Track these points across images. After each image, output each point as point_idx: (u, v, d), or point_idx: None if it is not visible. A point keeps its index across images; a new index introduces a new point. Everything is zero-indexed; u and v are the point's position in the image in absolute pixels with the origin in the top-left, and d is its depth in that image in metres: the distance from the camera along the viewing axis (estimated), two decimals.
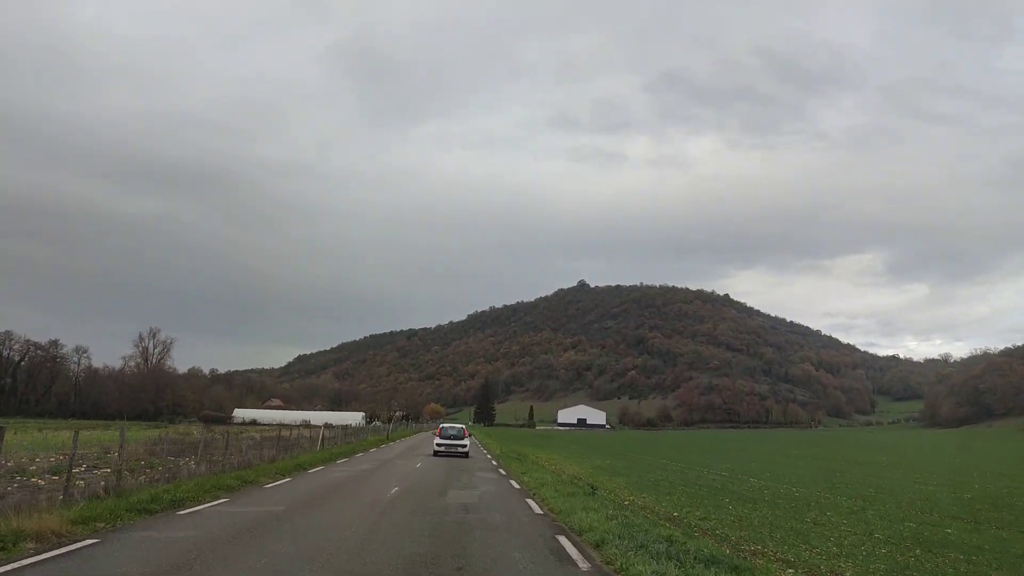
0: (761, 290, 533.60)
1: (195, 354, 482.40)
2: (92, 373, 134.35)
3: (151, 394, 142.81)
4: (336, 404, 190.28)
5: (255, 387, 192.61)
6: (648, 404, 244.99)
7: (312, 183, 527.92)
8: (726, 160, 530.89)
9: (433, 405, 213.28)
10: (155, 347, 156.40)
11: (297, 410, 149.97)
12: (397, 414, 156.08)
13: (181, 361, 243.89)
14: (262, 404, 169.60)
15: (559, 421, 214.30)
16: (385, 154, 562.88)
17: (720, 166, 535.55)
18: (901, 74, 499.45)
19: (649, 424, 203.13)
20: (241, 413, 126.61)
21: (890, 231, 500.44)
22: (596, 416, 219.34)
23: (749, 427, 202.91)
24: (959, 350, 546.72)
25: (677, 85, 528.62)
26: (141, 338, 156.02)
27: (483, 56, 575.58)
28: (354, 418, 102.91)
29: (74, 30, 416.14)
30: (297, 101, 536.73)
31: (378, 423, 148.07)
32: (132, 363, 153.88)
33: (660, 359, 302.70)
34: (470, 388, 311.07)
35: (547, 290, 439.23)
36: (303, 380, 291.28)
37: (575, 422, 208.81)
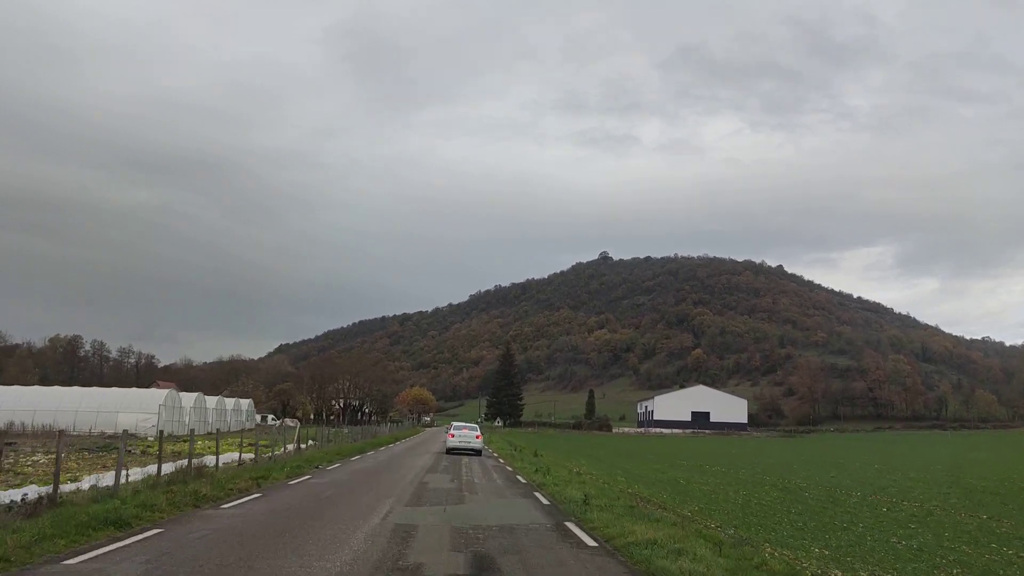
0: None
1: (188, 349, 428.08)
2: None
3: None
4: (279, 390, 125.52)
5: (145, 371, 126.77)
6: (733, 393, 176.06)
7: (311, 172, 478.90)
8: (742, 144, 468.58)
9: (417, 389, 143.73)
10: None
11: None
12: (352, 402, 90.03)
13: (168, 358, 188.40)
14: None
15: (656, 417, 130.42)
16: (386, 142, 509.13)
17: (736, 151, 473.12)
18: (936, 46, 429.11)
19: (753, 423, 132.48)
20: None
21: (905, 222, 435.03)
22: (730, 406, 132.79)
23: (933, 428, 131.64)
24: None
25: (692, 61, 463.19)
26: None
27: (486, 37, 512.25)
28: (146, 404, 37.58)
29: (60, 9, 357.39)
30: (294, 86, 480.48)
31: (290, 422, 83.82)
32: None
33: (731, 336, 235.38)
34: (473, 376, 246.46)
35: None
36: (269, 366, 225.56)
37: (688, 419, 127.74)
